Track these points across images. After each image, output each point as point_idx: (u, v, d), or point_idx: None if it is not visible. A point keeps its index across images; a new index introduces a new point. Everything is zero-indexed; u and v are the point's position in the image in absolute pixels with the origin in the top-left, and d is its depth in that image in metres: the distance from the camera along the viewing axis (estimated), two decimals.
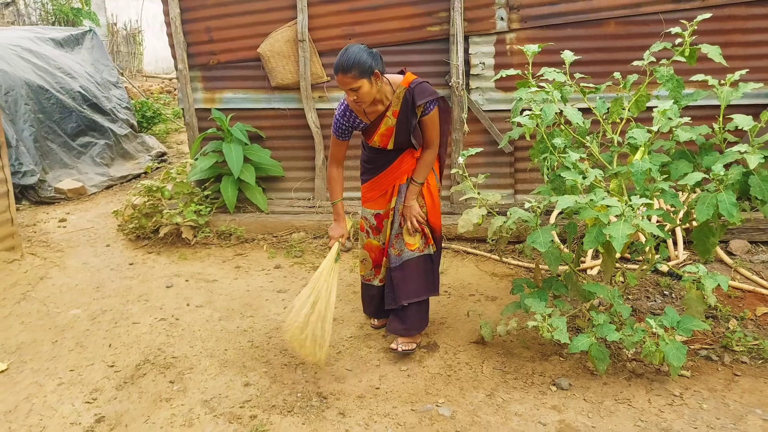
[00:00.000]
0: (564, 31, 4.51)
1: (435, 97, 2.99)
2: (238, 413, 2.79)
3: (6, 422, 2.75)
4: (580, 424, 2.62)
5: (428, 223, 3.18)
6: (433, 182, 3.18)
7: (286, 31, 4.83)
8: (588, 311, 3.05)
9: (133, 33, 13.27)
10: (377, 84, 2.88)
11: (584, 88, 3.22)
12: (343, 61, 2.81)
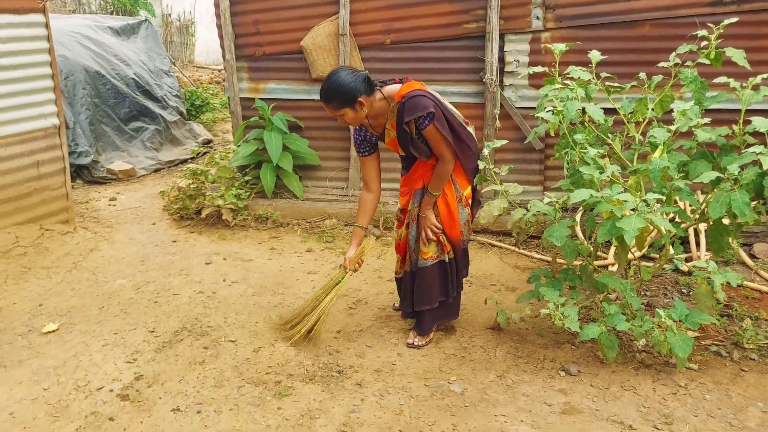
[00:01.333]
0: (598, 32, 4.58)
1: (423, 113, 2.90)
2: (264, 378, 3.01)
3: (55, 375, 3.03)
4: (585, 407, 2.75)
5: (443, 232, 3.19)
6: (450, 193, 3.15)
7: (328, 25, 5.03)
8: (601, 302, 3.16)
9: (186, 24, 13.73)
10: (362, 110, 2.94)
11: (609, 87, 3.31)
12: (325, 92, 2.91)
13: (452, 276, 3.29)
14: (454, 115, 3.11)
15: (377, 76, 4.97)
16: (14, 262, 4.08)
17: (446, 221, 3.18)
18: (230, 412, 2.75)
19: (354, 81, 2.88)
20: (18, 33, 4.16)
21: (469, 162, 3.18)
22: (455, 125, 3.06)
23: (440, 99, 3.07)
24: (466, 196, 3.22)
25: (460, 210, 3.19)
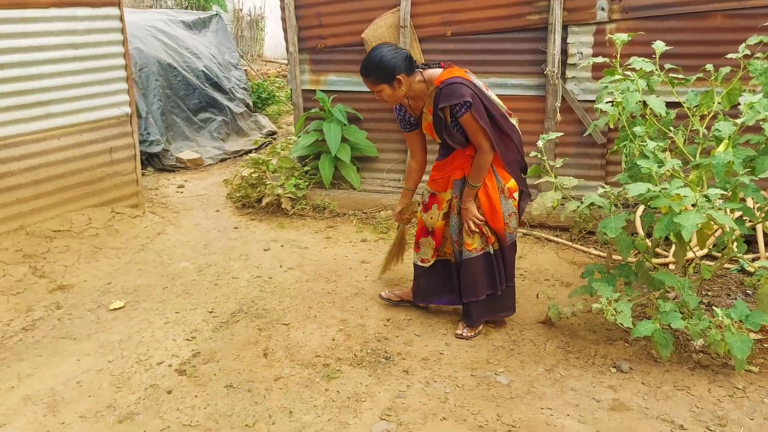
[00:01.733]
0: (666, 23, 4.42)
1: (459, 101, 2.88)
2: (314, 361, 3.09)
3: (120, 349, 3.21)
4: (634, 404, 2.68)
5: (487, 225, 3.17)
6: (491, 184, 3.12)
7: (389, 17, 5.07)
8: (656, 300, 3.07)
9: (256, 19, 14.09)
10: (400, 88, 2.94)
11: (673, 79, 3.20)
12: (365, 66, 2.93)
13: (499, 268, 3.26)
14: (497, 105, 3.06)
15: None
16: (87, 242, 4.33)
17: (488, 212, 3.15)
18: (280, 390, 2.84)
19: (394, 58, 2.89)
20: (94, 25, 4.40)
21: (511, 153, 3.13)
22: (497, 116, 3.01)
23: (482, 88, 3.03)
24: (509, 188, 3.17)
25: (502, 201, 3.15)
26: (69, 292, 3.80)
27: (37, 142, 4.14)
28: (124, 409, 2.71)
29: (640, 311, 3.37)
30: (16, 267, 3.86)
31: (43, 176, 4.20)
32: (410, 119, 3.22)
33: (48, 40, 4.11)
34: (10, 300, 3.62)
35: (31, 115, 4.08)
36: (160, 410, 2.70)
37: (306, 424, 2.62)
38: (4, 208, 3.98)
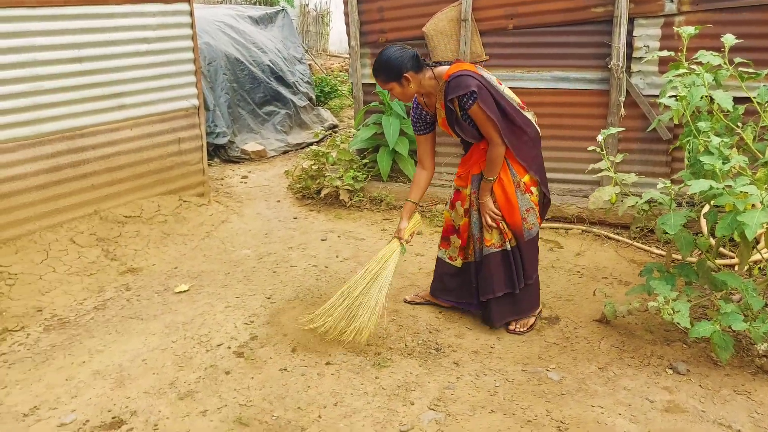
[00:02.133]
0: (739, 15, 4.23)
1: (466, 92, 2.93)
2: (365, 349, 3.15)
3: (183, 330, 3.37)
4: (690, 407, 2.62)
5: (504, 220, 3.16)
6: (506, 178, 3.12)
7: (451, 10, 5.06)
8: (718, 301, 2.97)
9: (322, 14, 14.29)
10: (409, 85, 3.01)
11: (743, 74, 3.08)
12: (375, 67, 3.05)
13: (516, 266, 3.22)
14: (508, 98, 3.08)
15: (498, 61, 5.01)
16: (156, 228, 4.55)
17: (504, 207, 3.15)
18: (331, 376, 2.92)
19: (401, 57, 2.98)
20: (165, 21, 4.61)
21: (526, 148, 3.12)
22: (507, 109, 3.03)
23: (492, 82, 3.06)
24: (525, 182, 3.15)
25: (519, 196, 3.14)
26: (138, 274, 4.01)
27: (111, 132, 4.38)
28: (185, 387, 2.85)
29: (700, 312, 3.26)
30: (90, 249, 4.11)
31: (116, 164, 4.44)
32: (427, 117, 3.26)
33: (122, 35, 4.33)
34: (84, 280, 3.85)
35: (106, 107, 4.32)
36: (218, 389, 2.83)
37: (356, 410, 2.68)
38: (81, 194, 4.23)
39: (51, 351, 3.15)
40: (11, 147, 3.81)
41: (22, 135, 3.86)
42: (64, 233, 4.11)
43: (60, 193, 4.10)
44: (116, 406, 2.72)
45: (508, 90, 3.15)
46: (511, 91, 3.21)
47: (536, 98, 4.98)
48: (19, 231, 3.90)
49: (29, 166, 3.91)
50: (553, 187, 5.02)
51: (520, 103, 3.17)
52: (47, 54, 3.90)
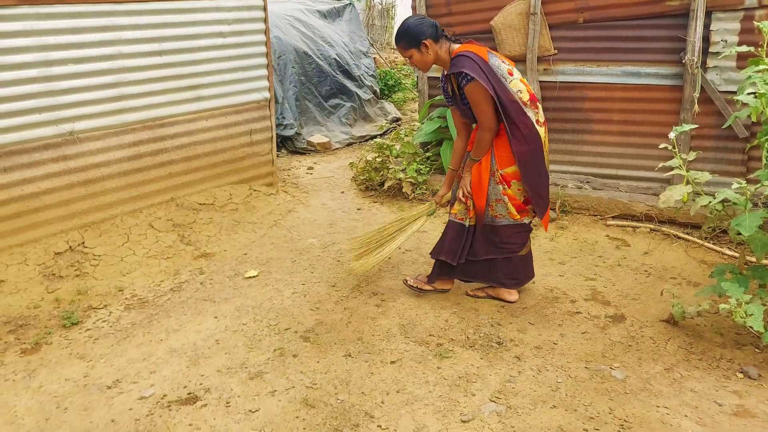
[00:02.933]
0: None
1: (460, 71, 3.09)
2: (427, 339, 3.21)
3: (253, 313, 3.51)
4: (760, 412, 2.55)
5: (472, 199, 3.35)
6: (485, 164, 3.27)
7: (520, 4, 5.03)
8: None
9: (387, 8, 14.36)
10: (428, 52, 3.21)
11: None
12: (396, 34, 3.25)
13: (466, 242, 3.43)
14: (509, 91, 3.15)
15: (567, 55, 4.96)
16: (228, 216, 4.74)
17: (474, 187, 3.34)
18: (393, 364, 2.99)
19: (420, 25, 3.19)
20: (240, 15, 4.77)
21: (516, 141, 3.19)
22: (505, 100, 3.12)
23: (499, 70, 3.16)
24: (503, 175, 3.28)
25: (491, 184, 3.30)
26: (211, 259, 4.19)
27: (188, 123, 4.59)
28: (255, 367, 2.99)
29: None
30: (167, 234, 4.32)
31: (192, 154, 4.64)
32: (449, 90, 3.37)
33: (200, 30, 4.52)
34: (161, 263, 4.06)
35: (184, 98, 4.53)
36: (286, 371, 2.95)
37: (418, 398, 2.75)
38: (159, 182, 4.46)
39: (131, 328, 3.36)
40: (98, 135, 4.06)
41: (108, 124, 4.10)
42: (144, 218, 4.35)
43: (140, 180, 4.34)
44: (191, 382, 2.88)
45: (518, 83, 3.21)
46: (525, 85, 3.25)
47: (605, 93, 4.90)
48: (103, 215, 4.16)
49: (113, 154, 4.16)
50: (621, 184, 4.95)
51: (529, 98, 3.22)
52: (132, 47, 4.12)
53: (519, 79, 3.22)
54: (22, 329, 3.33)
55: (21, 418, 2.65)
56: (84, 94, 3.92)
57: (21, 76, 3.62)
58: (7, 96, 3.59)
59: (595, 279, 3.87)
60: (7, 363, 3.05)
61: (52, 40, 3.70)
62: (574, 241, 4.45)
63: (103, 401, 2.75)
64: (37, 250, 3.82)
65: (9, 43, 3.53)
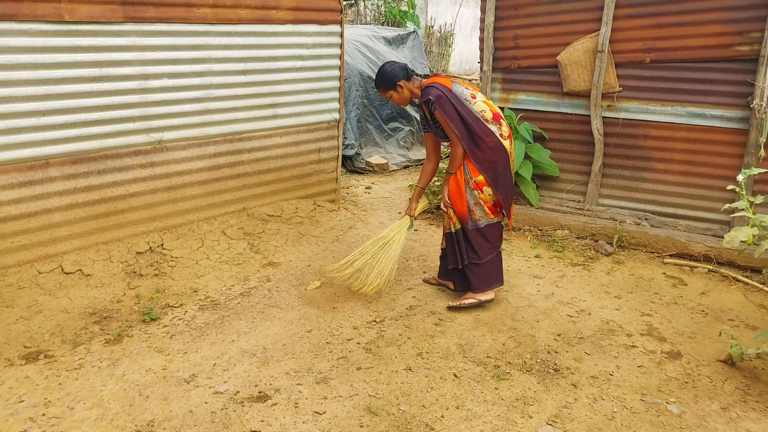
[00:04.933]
0: None
1: (426, 99, 3.63)
2: (484, 361, 3.32)
3: (317, 322, 3.69)
4: None
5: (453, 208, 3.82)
6: (460, 174, 3.74)
7: (587, 41, 5.16)
8: None
9: (445, 36, 14.63)
10: (403, 91, 3.78)
11: None
12: (376, 80, 3.85)
13: (459, 247, 3.87)
14: (472, 111, 3.66)
15: (632, 93, 5.06)
16: (294, 228, 4.96)
17: (454, 197, 3.81)
18: (453, 381, 3.12)
19: (394, 69, 3.76)
20: (320, 40, 5.04)
21: (481, 152, 3.68)
22: (467, 118, 3.63)
23: (462, 95, 3.68)
24: (477, 182, 3.73)
25: (468, 191, 3.76)
26: (277, 268, 4.41)
27: (264, 138, 4.85)
28: (320, 373, 3.16)
29: None
30: (238, 242, 4.56)
31: (265, 168, 4.90)
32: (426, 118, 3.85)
33: (282, 52, 4.80)
34: (233, 269, 4.29)
35: (262, 115, 4.80)
36: (350, 379, 3.11)
37: (476, 415, 2.86)
38: (233, 192, 4.72)
39: (205, 328, 3.57)
40: (183, 145, 4.34)
41: (193, 135, 4.39)
42: (218, 225, 4.60)
43: (217, 189, 4.60)
44: (262, 382, 3.06)
45: (481, 104, 3.71)
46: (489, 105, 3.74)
47: (668, 132, 4.96)
48: (181, 220, 4.43)
49: (195, 164, 4.44)
50: (680, 223, 4.98)
51: (492, 117, 3.70)
52: (220, 66, 4.41)
53: (482, 101, 3.73)
54: (106, 321, 3.59)
55: (107, 402, 2.87)
56: (174, 107, 4.22)
57: (122, 87, 3.93)
58: (108, 105, 3.90)
59: (651, 315, 3.92)
60: (93, 351, 3.30)
61: (151, 55, 4.01)
62: (630, 277, 4.50)
63: (181, 393, 2.96)
64: (121, 248, 4.10)
65: (114, 56, 3.85)
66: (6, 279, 3.65)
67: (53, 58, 3.62)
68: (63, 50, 3.64)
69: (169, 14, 4.02)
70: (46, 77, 3.62)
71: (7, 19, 3.41)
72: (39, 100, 3.61)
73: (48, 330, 3.42)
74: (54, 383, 3.00)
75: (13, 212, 3.64)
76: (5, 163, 3.57)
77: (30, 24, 3.49)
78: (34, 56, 3.54)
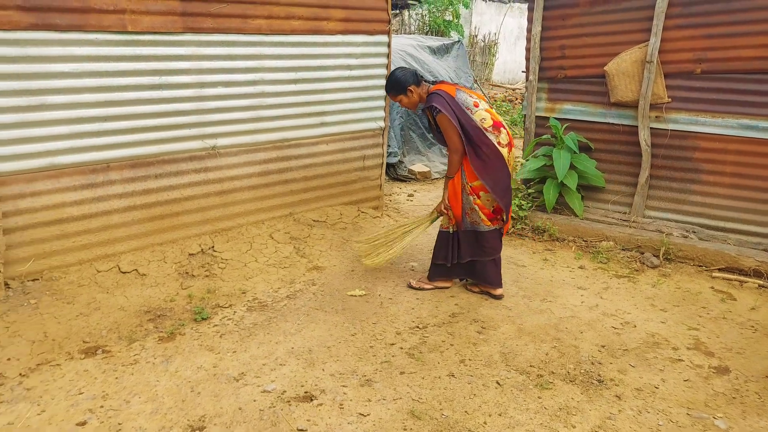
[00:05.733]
0: None
1: (430, 106, 3.84)
2: (527, 370, 3.34)
3: (360, 326, 3.76)
4: None
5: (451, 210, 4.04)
6: (457, 179, 3.98)
7: (636, 52, 5.12)
8: None
9: (489, 45, 14.63)
10: (413, 95, 3.95)
11: None
12: (387, 85, 4.04)
13: (453, 247, 4.13)
14: (472, 119, 3.85)
15: (681, 105, 5.01)
16: (338, 233, 5.05)
17: (451, 200, 4.05)
18: (496, 389, 3.14)
19: (404, 75, 3.95)
20: (368, 50, 5.14)
21: (478, 159, 3.87)
22: (468, 128, 3.83)
23: (465, 103, 3.88)
24: (473, 187, 3.95)
25: (463, 196, 4.00)
26: (322, 272, 4.50)
27: (311, 145, 4.97)
28: (364, 376, 3.22)
29: None
30: (285, 246, 4.68)
31: (311, 174, 5.01)
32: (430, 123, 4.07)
33: (331, 62, 4.91)
34: (279, 272, 4.41)
35: (310, 123, 4.92)
36: (393, 383, 3.16)
37: (519, 422, 2.88)
38: (281, 197, 4.85)
39: (253, 328, 3.68)
40: (234, 151, 4.49)
41: (244, 142, 4.53)
42: (265, 229, 4.73)
43: (266, 194, 4.73)
44: (308, 382, 3.14)
45: (482, 112, 3.90)
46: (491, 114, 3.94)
47: (719, 144, 4.89)
48: (231, 223, 4.57)
49: (246, 169, 4.58)
50: (730, 237, 4.89)
51: (491, 125, 3.88)
52: (271, 75, 4.55)
53: (484, 110, 3.92)
54: (160, 319, 3.73)
55: (161, 397, 3.00)
56: (227, 114, 4.37)
57: (179, 95, 4.10)
58: (166, 111, 4.07)
59: (699, 329, 3.87)
60: (147, 347, 3.44)
61: (208, 64, 4.17)
62: (676, 290, 4.44)
63: (231, 390, 3.06)
64: (175, 249, 4.26)
65: (173, 65, 4.02)
66: (67, 276, 3.83)
67: (116, 67, 3.80)
68: (125, 59, 3.82)
69: (225, 25, 4.18)
70: (109, 85, 3.80)
71: (75, 30, 3.60)
72: (102, 107, 3.80)
73: (106, 326, 3.58)
74: (111, 377, 3.14)
75: (75, 213, 3.83)
76: (70, 166, 3.76)
77: (96, 34, 3.68)
78: (98, 65, 3.73)
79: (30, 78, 3.51)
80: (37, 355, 3.28)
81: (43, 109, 3.58)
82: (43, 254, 3.75)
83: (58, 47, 3.57)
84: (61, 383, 3.08)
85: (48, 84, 3.57)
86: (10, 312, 3.50)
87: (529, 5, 5.69)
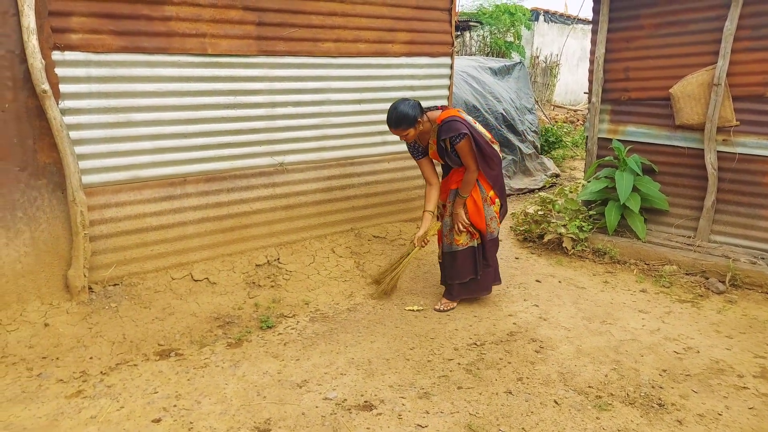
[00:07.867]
0: None
1: (456, 134, 3.87)
2: (585, 390, 3.34)
3: (418, 341, 3.84)
4: None
5: (472, 224, 4.17)
6: (477, 195, 4.13)
7: (702, 75, 5.06)
8: None
9: (551, 66, 14.58)
10: (420, 127, 3.97)
11: None
12: (393, 120, 3.90)
13: (479, 258, 4.28)
14: (482, 135, 4.05)
15: (750, 128, 4.93)
16: (397, 249, 5.16)
17: (474, 215, 4.16)
18: (553, 408, 3.16)
19: (414, 108, 3.91)
20: (430, 72, 5.28)
21: (492, 170, 4.11)
22: (481, 143, 3.99)
23: (471, 123, 4.02)
24: (491, 196, 4.18)
25: (485, 207, 4.17)
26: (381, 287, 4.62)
27: (373, 163, 5.12)
28: (422, 388, 3.30)
29: None
30: (346, 260, 4.83)
31: (372, 191, 5.16)
32: (419, 148, 4.19)
33: (394, 83, 5.07)
34: (340, 285, 4.55)
35: (372, 142, 5.08)
36: (451, 397, 3.23)
37: None
38: (343, 213, 5.01)
39: (315, 338, 3.82)
40: (301, 168, 4.68)
41: (310, 159, 4.72)
42: (327, 243, 4.89)
43: (329, 210, 4.90)
44: (368, 392, 3.24)
45: (480, 127, 4.10)
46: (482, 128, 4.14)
47: None
48: (296, 237, 4.75)
49: (310, 185, 4.76)
50: None
51: (491, 138, 4.14)
52: (337, 95, 4.74)
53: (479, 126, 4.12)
54: (228, 326, 3.92)
55: (229, 399, 3.16)
56: (295, 133, 4.58)
57: (252, 114, 4.33)
58: (239, 129, 4.31)
59: (766, 357, 3.76)
60: (217, 352, 3.62)
61: (279, 85, 4.39)
62: (743, 317, 4.33)
63: (294, 396, 3.19)
64: (243, 260, 4.46)
65: (247, 86, 4.26)
66: (145, 283, 4.08)
67: (196, 87, 4.05)
68: (204, 80, 4.07)
69: (297, 48, 4.40)
70: (189, 104, 4.06)
71: (160, 52, 3.88)
72: (182, 124, 4.06)
73: (179, 331, 3.80)
74: (183, 378, 3.33)
75: (154, 223, 4.08)
76: (151, 179, 4.02)
77: (178, 56, 3.95)
78: (180, 85, 3.99)
79: (118, 96, 3.79)
80: (117, 355, 3.52)
81: (129, 126, 3.86)
82: (124, 261, 4.01)
83: (145, 68, 3.84)
84: (138, 382, 3.28)
85: (134, 102, 3.85)
86: (93, 314, 3.76)
87: (593, 28, 5.71)
